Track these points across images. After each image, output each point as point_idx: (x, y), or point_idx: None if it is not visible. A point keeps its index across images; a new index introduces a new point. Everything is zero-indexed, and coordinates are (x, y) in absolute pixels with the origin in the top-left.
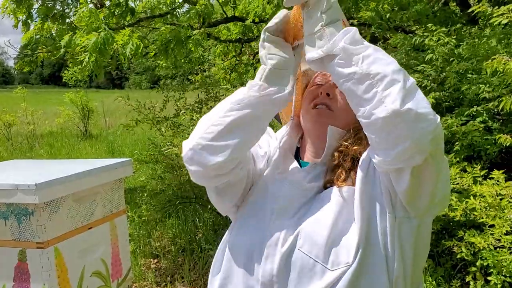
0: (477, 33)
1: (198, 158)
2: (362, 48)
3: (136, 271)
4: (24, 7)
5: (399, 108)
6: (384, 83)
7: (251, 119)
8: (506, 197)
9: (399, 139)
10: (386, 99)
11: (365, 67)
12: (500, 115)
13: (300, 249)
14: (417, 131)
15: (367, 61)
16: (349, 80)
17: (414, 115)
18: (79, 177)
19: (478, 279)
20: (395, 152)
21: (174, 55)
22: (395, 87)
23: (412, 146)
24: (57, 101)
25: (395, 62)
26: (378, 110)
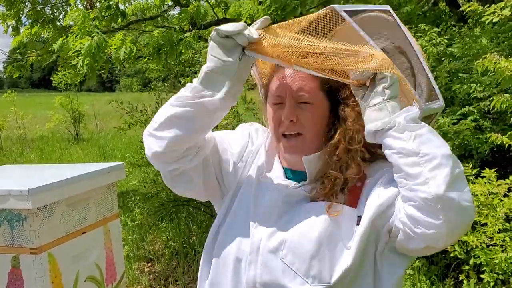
0: (467, 32)
1: (146, 143)
2: (417, 126)
3: (130, 275)
4: (14, 12)
5: (442, 194)
6: (431, 165)
7: (186, 118)
8: (498, 195)
9: (433, 223)
10: (431, 181)
11: (415, 145)
12: (491, 114)
13: (282, 259)
14: (453, 223)
15: (418, 140)
16: (398, 153)
17: (455, 206)
18: (72, 182)
19: (471, 277)
20: (423, 231)
21: (166, 58)
22: (442, 172)
23: (443, 234)
24: (47, 105)
25: (447, 146)
26: (421, 188)
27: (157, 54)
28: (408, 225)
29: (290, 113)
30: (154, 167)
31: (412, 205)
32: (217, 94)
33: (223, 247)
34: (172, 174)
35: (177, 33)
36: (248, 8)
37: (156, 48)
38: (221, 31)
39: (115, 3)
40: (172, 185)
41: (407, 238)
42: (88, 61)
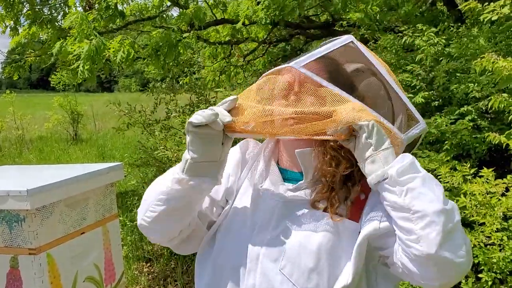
0: (464, 32)
1: (144, 232)
2: (409, 179)
3: (129, 276)
4: (13, 13)
5: (434, 253)
6: (423, 223)
7: (179, 208)
8: (496, 195)
9: (426, 276)
10: (422, 240)
11: (407, 201)
12: (489, 113)
13: (281, 270)
14: (446, 278)
15: (410, 195)
16: (391, 206)
17: (448, 264)
18: (70, 182)
19: (469, 277)
20: (417, 280)
21: (164, 59)
22: (433, 230)
23: (436, 286)
24: (46, 105)
25: (440, 200)
26: (414, 246)
27: (155, 55)
28: (407, 269)
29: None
30: (152, 168)
31: (407, 256)
32: (206, 180)
33: (221, 253)
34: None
35: (175, 33)
36: (245, 8)
37: (154, 49)
38: (194, 123)
39: (113, 4)
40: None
41: (405, 276)
42: (88, 66)
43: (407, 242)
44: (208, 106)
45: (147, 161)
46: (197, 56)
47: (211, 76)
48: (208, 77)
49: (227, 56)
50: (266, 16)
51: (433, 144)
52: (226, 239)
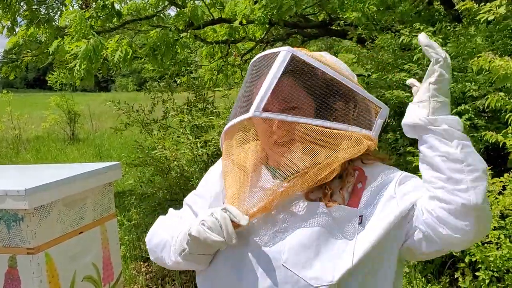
0: (461, 31)
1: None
2: (463, 137)
3: (127, 275)
4: (10, 13)
5: (480, 204)
6: (474, 176)
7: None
8: (493, 193)
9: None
10: (471, 190)
11: (463, 155)
12: (485, 112)
13: (284, 264)
14: (481, 230)
15: (466, 150)
16: (442, 156)
17: (487, 216)
18: (68, 182)
19: (467, 275)
20: (449, 234)
21: (161, 58)
22: (483, 185)
23: (467, 240)
24: (42, 105)
25: (484, 163)
26: (461, 195)
27: (153, 54)
28: (432, 227)
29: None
30: (150, 167)
31: (444, 207)
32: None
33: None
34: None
35: (173, 33)
36: (243, 8)
37: (152, 49)
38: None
39: (110, 3)
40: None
41: (426, 240)
42: (85, 65)
43: (455, 192)
44: (206, 105)
45: (145, 160)
46: (194, 55)
47: (209, 75)
48: (205, 76)
49: (225, 56)
50: (264, 16)
51: None
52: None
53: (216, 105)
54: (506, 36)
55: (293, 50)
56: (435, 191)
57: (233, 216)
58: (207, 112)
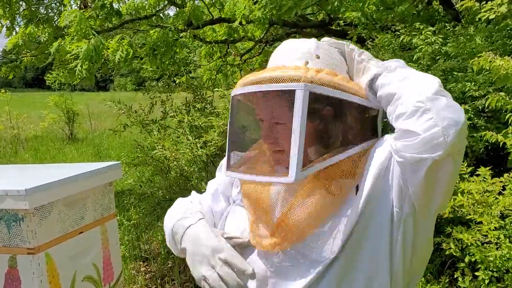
0: (461, 31)
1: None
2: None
3: (126, 275)
4: (10, 13)
5: (431, 95)
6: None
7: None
8: (493, 193)
9: (427, 124)
10: (420, 87)
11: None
12: (485, 112)
13: (289, 248)
14: (446, 120)
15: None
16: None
17: (444, 103)
18: (69, 182)
19: (467, 275)
20: (419, 138)
21: (161, 58)
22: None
23: (439, 132)
24: (41, 104)
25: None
26: (411, 97)
27: (153, 54)
28: (404, 146)
29: (266, 135)
30: (150, 167)
31: (404, 118)
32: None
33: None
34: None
35: (172, 33)
36: (242, 8)
37: (152, 49)
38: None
39: (109, 3)
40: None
41: (411, 166)
42: (86, 66)
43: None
44: (205, 105)
45: (144, 160)
46: (193, 55)
47: (208, 75)
48: (204, 76)
49: (224, 55)
50: (263, 16)
51: None
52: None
53: (215, 105)
54: (505, 36)
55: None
56: (394, 113)
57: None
58: (206, 112)
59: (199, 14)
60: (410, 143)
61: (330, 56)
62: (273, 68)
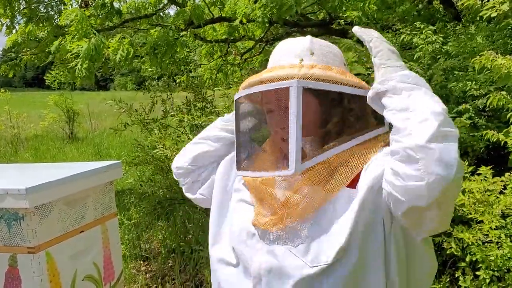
0: (461, 30)
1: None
2: (414, 88)
3: (127, 274)
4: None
5: (423, 144)
6: (420, 118)
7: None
8: (494, 192)
9: (412, 174)
10: (414, 132)
11: (409, 102)
12: (486, 111)
13: (284, 244)
14: (433, 175)
15: (413, 98)
16: (391, 110)
17: (435, 157)
18: (69, 181)
19: (467, 274)
20: (403, 184)
21: (161, 57)
22: (429, 124)
23: (423, 187)
24: (41, 103)
25: (440, 105)
26: (404, 139)
27: (153, 53)
28: (391, 183)
29: (280, 120)
30: (150, 166)
31: (395, 158)
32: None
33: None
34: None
35: (173, 32)
36: (243, 6)
37: (152, 48)
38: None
39: (109, 1)
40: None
41: (394, 201)
42: (86, 64)
43: (399, 138)
44: (205, 104)
45: (145, 159)
46: (193, 54)
47: (208, 74)
48: (205, 75)
49: (224, 54)
50: (264, 15)
51: None
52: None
53: (215, 104)
54: (506, 35)
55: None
56: (391, 148)
57: None
58: (206, 111)
59: (200, 13)
60: (395, 183)
61: (326, 50)
62: (270, 69)
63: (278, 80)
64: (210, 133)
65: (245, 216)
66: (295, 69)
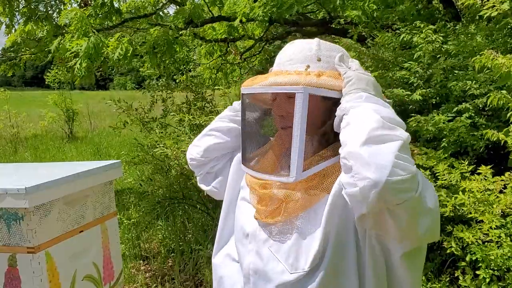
0: (461, 29)
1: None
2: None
3: (126, 274)
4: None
5: (351, 151)
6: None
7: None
8: (494, 192)
9: (349, 182)
10: (348, 141)
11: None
12: (486, 110)
13: (269, 248)
14: (365, 181)
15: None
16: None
17: (365, 159)
18: (69, 180)
19: (467, 273)
20: (345, 191)
21: (161, 57)
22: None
23: (358, 194)
24: (40, 103)
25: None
26: (342, 150)
27: (153, 52)
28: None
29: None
30: (150, 165)
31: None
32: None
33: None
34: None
35: (173, 31)
36: (242, 6)
37: (152, 47)
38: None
39: (109, 1)
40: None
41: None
42: (86, 64)
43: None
44: (205, 104)
45: (144, 159)
46: (193, 54)
47: (207, 73)
48: (204, 74)
49: (224, 54)
50: (264, 14)
51: (430, 141)
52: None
53: (215, 104)
54: (506, 35)
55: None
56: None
57: None
58: (206, 111)
59: (199, 12)
60: (342, 192)
61: (334, 56)
62: (276, 72)
63: (284, 85)
64: (220, 124)
65: (243, 215)
66: (301, 76)
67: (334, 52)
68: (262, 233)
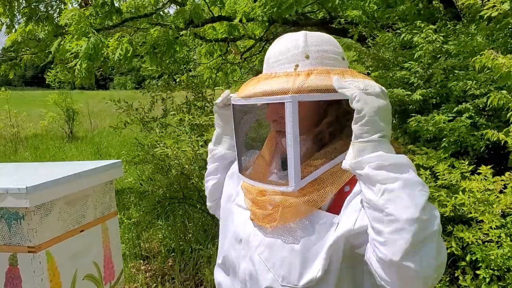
0: (462, 29)
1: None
2: (389, 179)
3: (126, 273)
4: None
5: (397, 261)
6: (392, 228)
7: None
8: (494, 192)
9: (387, 281)
10: (388, 245)
11: (382, 202)
12: (486, 110)
13: (260, 255)
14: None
15: (387, 196)
16: (366, 202)
17: (410, 275)
18: (70, 180)
19: (468, 273)
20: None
21: (161, 56)
22: (402, 238)
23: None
24: (41, 102)
25: (418, 208)
26: (380, 248)
27: (153, 52)
28: (371, 267)
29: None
30: (150, 165)
31: (374, 255)
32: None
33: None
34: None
35: (173, 31)
36: (243, 6)
37: (152, 47)
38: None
39: (109, 1)
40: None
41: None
42: (86, 64)
43: (374, 242)
44: (205, 103)
45: (145, 158)
46: (193, 53)
47: (208, 73)
48: (204, 74)
49: (224, 54)
50: (264, 14)
51: (431, 141)
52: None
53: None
54: (506, 35)
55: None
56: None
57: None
58: (206, 110)
59: (200, 12)
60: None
61: (322, 50)
62: (265, 76)
63: (273, 94)
64: (209, 169)
65: (237, 220)
66: (289, 81)
67: (323, 46)
68: (255, 239)
